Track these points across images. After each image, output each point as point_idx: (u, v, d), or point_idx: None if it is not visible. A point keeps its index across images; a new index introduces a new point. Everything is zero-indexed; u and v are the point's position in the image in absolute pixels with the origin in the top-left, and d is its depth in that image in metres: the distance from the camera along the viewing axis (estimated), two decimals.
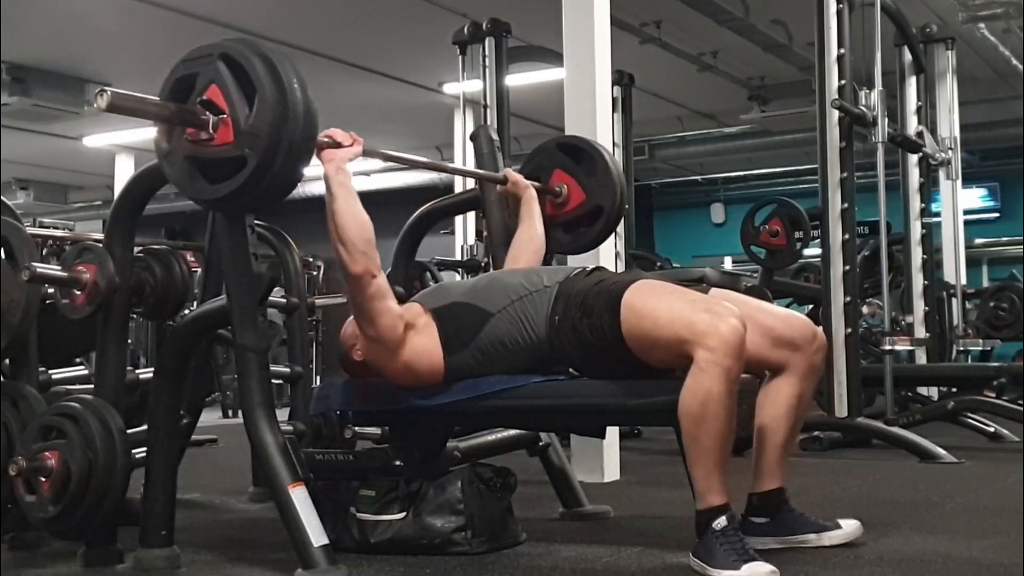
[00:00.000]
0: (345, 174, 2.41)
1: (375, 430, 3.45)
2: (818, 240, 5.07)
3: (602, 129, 4.04)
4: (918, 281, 6.31)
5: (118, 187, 3.85)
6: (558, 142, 3.28)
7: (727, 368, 2.15)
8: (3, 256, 2.60)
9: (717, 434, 2.17)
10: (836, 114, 4.73)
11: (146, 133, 9.92)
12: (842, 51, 4.77)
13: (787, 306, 6.48)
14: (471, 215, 6.11)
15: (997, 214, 12.58)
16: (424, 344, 2.46)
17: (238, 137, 2.11)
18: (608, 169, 3.12)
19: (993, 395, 5.75)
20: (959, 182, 6.86)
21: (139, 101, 2.14)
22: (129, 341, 2.99)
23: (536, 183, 3.08)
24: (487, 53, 5.87)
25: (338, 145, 2.43)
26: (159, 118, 2.19)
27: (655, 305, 2.29)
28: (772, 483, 2.50)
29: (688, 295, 2.33)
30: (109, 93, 2.03)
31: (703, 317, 2.20)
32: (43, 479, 2.33)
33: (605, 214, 3.12)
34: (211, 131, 2.14)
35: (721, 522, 2.18)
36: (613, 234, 3.35)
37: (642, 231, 11.70)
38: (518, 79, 6.91)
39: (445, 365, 2.48)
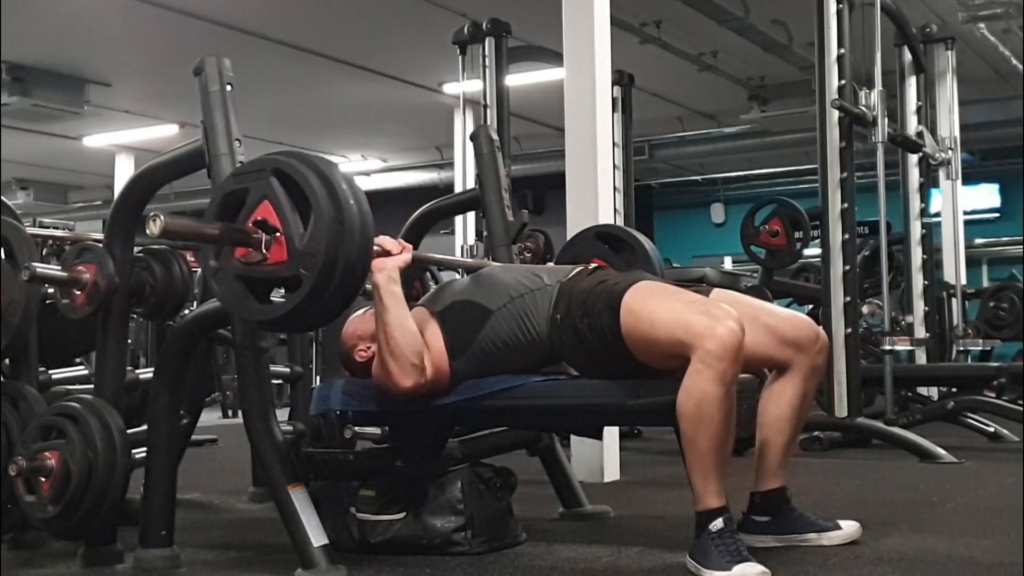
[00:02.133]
0: (396, 283, 2.38)
1: (375, 430, 3.44)
2: (818, 240, 5.07)
3: (602, 129, 4.04)
4: (918, 281, 6.31)
5: (118, 187, 3.85)
6: (595, 231, 3.28)
7: (723, 370, 2.15)
8: (3, 256, 2.60)
9: (714, 436, 2.17)
10: (836, 114, 4.73)
11: (146, 133, 9.93)
12: (842, 51, 4.78)
13: (787, 306, 6.48)
14: (471, 215, 6.11)
15: (998, 214, 12.59)
16: (433, 355, 2.45)
17: (292, 257, 2.03)
18: (648, 257, 3.11)
19: (993, 395, 5.74)
20: (959, 182, 6.85)
21: (191, 225, 2.08)
22: (129, 341, 2.99)
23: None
24: (487, 53, 5.86)
25: (387, 253, 2.40)
26: (212, 241, 2.12)
27: (654, 307, 2.29)
28: (774, 482, 2.51)
29: (687, 297, 2.33)
30: (163, 219, 1.96)
31: (700, 319, 2.20)
32: (43, 479, 2.33)
33: None
34: (264, 251, 2.06)
35: (718, 524, 2.18)
36: None
37: (642, 231, 11.65)
38: (518, 79, 6.91)
39: (451, 370, 2.48)
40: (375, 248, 2.32)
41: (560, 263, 3.09)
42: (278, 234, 2.06)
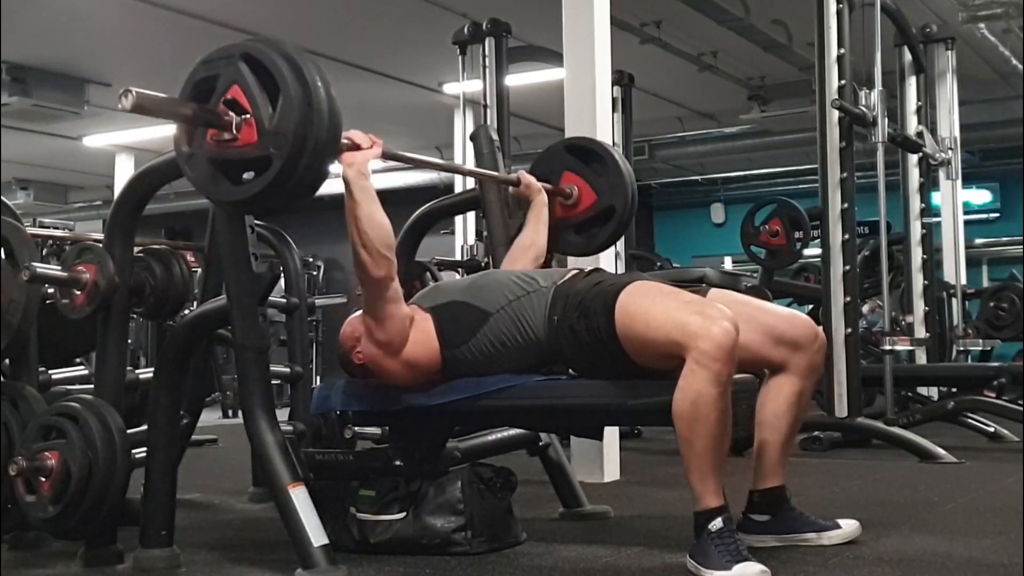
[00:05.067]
0: (366, 177, 2.40)
1: (375, 430, 3.45)
2: (818, 240, 5.07)
3: (602, 129, 4.03)
4: (918, 281, 6.31)
5: (118, 187, 3.85)
6: (567, 144, 3.27)
7: (718, 371, 2.15)
8: (3, 256, 2.60)
9: (710, 436, 2.18)
10: (836, 114, 4.73)
11: (146, 133, 9.93)
12: (842, 51, 4.77)
13: (787, 306, 6.47)
14: (471, 215, 6.11)
15: (997, 214, 12.59)
16: (421, 339, 2.47)
17: (263, 137, 2.08)
18: (619, 169, 3.12)
19: (993, 395, 5.75)
20: (959, 182, 6.85)
21: (163, 101, 2.12)
22: (129, 341, 2.99)
23: (547, 185, 3.07)
24: (487, 53, 5.87)
25: (357, 147, 2.42)
26: (182, 118, 2.15)
27: (648, 307, 2.30)
28: (773, 481, 2.51)
29: (682, 297, 2.33)
30: (134, 93, 2.00)
31: (695, 319, 2.20)
32: (43, 479, 2.33)
33: (617, 214, 3.11)
34: (235, 131, 2.10)
35: (717, 523, 2.19)
36: None
37: (642, 231, 11.71)
38: (518, 79, 6.91)
39: (443, 358, 2.49)
40: (345, 141, 2.35)
41: (533, 174, 3.09)
42: (248, 115, 2.09)
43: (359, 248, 2.37)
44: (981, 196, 12.47)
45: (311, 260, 12.65)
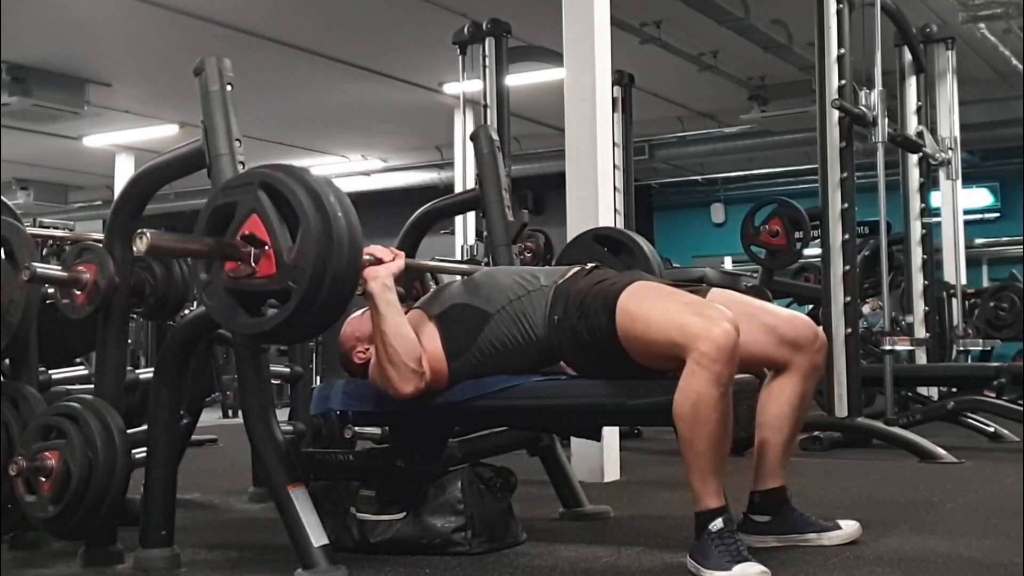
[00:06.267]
0: (391, 291, 2.39)
1: (375, 430, 3.45)
2: (818, 240, 5.07)
3: (602, 129, 4.04)
4: (918, 281, 6.31)
5: (118, 187, 3.85)
6: (593, 234, 3.28)
7: (719, 371, 2.15)
8: (3, 256, 2.60)
9: (710, 436, 2.18)
10: (836, 114, 4.73)
11: (146, 133, 9.93)
12: (842, 51, 4.78)
13: (787, 306, 6.48)
14: (471, 215, 6.11)
15: (997, 214, 12.59)
16: (429, 357, 2.45)
17: (281, 270, 2.05)
18: (647, 260, 3.10)
19: (993, 395, 5.75)
20: (959, 182, 6.85)
21: (179, 240, 2.11)
22: (129, 341, 2.99)
23: None
24: (487, 53, 5.87)
25: (379, 261, 2.40)
26: (200, 256, 2.14)
27: (649, 308, 2.30)
28: (774, 481, 2.51)
29: (683, 297, 2.33)
30: (148, 236, 1.98)
31: (695, 320, 2.20)
32: (43, 479, 2.33)
33: None
34: (253, 264, 2.08)
35: (717, 524, 2.19)
36: None
37: (642, 231, 11.63)
38: (518, 79, 6.91)
39: (449, 371, 2.48)
40: (367, 257, 2.33)
41: (561, 263, 3.08)
42: (266, 247, 2.07)
43: (386, 364, 2.36)
44: (981, 197, 12.47)
45: None
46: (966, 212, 7.46)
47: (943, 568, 2.28)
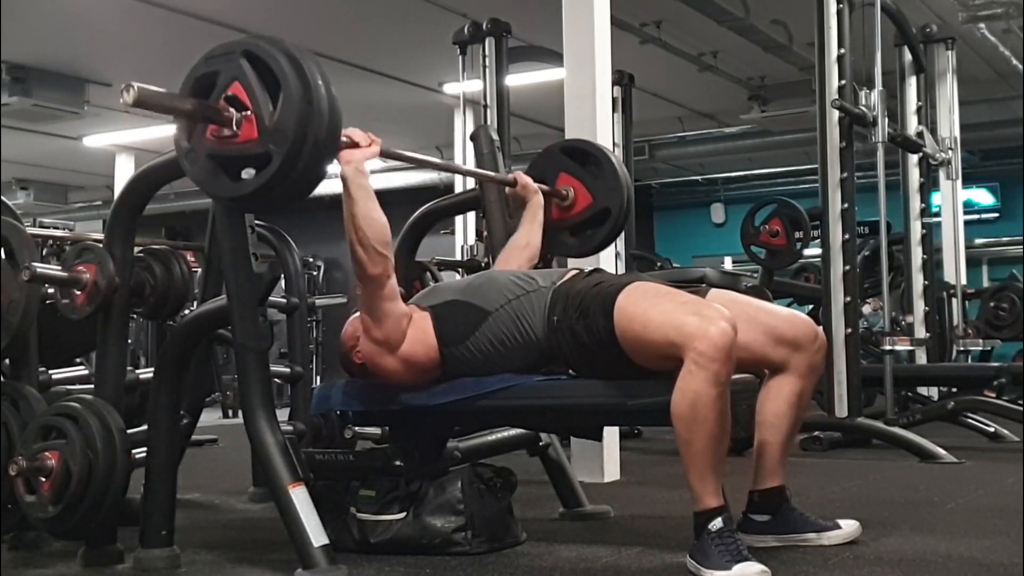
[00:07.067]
0: (364, 175, 2.40)
1: (375, 430, 3.45)
2: (818, 240, 5.07)
3: (602, 129, 4.03)
4: (918, 281, 6.31)
5: (118, 187, 3.85)
6: (563, 145, 3.27)
7: (716, 371, 2.15)
8: (3, 256, 2.60)
9: (708, 436, 2.18)
10: (836, 114, 4.73)
11: (146, 133, 9.91)
12: (842, 51, 4.78)
13: (787, 306, 6.48)
14: (471, 215, 6.11)
15: (997, 214, 12.59)
16: (419, 336, 2.47)
17: (263, 134, 2.08)
18: (615, 171, 3.12)
19: (993, 395, 5.75)
20: (959, 182, 6.85)
21: (164, 96, 2.12)
22: (129, 341, 2.99)
23: (543, 186, 3.07)
24: (487, 53, 5.86)
25: (356, 145, 2.42)
26: (183, 114, 2.15)
27: (647, 308, 2.30)
28: (773, 481, 2.51)
29: (680, 297, 2.33)
30: (136, 88, 2.00)
31: (693, 320, 2.20)
32: (43, 479, 2.34)
33: (612, 216, 3.11)
34: (235, 128, 2.10)
35: (717, 523, 2.19)
36: None
37: (642, 231, 11.69)
38: (518, 79, 6.90)
39: (442, 356, 2.49)
40: (344, 139, 2.35)
41: (529, 175, 3.09)
42: (248, 112, 2.09)
43: (356, 246, 2.37)
44: (984, 197, 12.47)
45: (311, 260, 12.65)
46: (967, 212, 7.45)
47: (943, 568, 2.28)
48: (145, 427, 2.57)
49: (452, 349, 2.49)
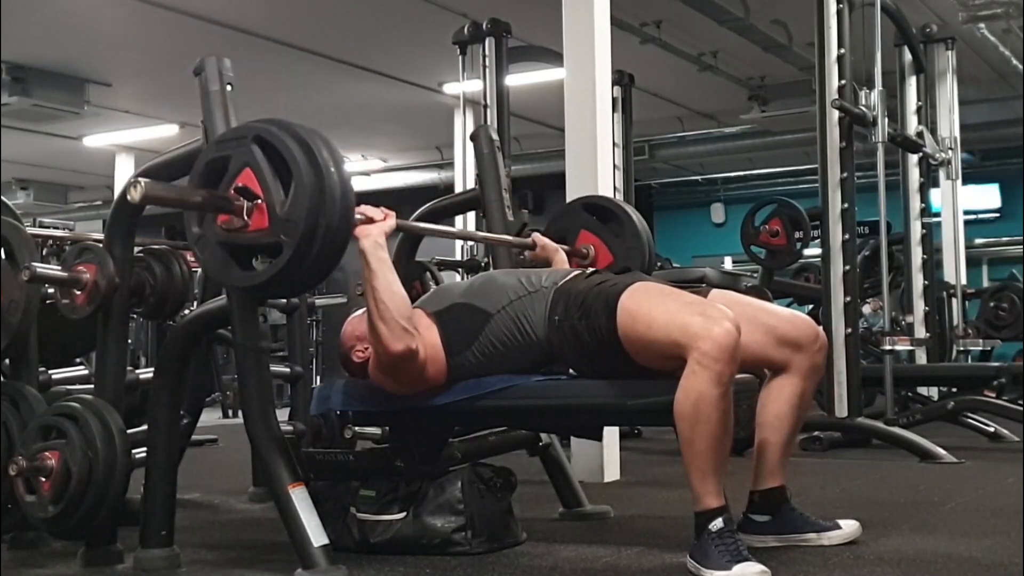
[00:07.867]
0: (383, 248, 2.39)
1: (375, 430, 3.45)
2: (818, 240, 5.07)
3: (602, 129, 4.03)
4: (918, 281, 6.31)
5: (118, 187, 3.85)
6: (584, 202, 3.27)
7: (720, 371, 2.15)
8: (3, 256, 2.60)
9: (711, 436, 2.18)
10: (836, 114, 4.73)
11: (146, 133, 9.92)
12: (842, 51, 4.77)
13: (787, 306, 6.48)
14: (471, 215, 6.11)
15: (997, 214, 12.59)
16: (430, 355, 2.46)
17: (274, 223, 2.05)
18: (635, 230, 3.10)
19: (993, 395, 5.75)
20: (959, 182, 6.85)
21: (173, 191, 2.11)
22: (129, 341, 2.99)
23: (563, 246, 3.06)
24: (487, 53, 5.86)
25: (370, 220, 2.41)
26: (194, 208, 2.14)
27: (650, 308, 2.30)
28: (774, 481, 2.51)
29: (684, 297, 2.33)
30: (143, 184, 1.99)
31: (696, 320, 2.20)
32: (43, 479, 2.33)
33: None
34: (245, 218, 2.08)
35: (717, 524, 2.19)
36: None
37: None
38: (518, 79, 6.91)
39: (448, 367, 2.48)
40: (358, 216, 2.34)
41: (548, 234, 3.09)
42: (259, 201, 2.08)
43: (377, 320, 2.35)
44: (986, 197, 12.45)
45: None
46: (968, 212, 7.45)
47: (943, 568, 2.28)
48: (145, 427, 2.56)
49: (458, 358, 2.48)
